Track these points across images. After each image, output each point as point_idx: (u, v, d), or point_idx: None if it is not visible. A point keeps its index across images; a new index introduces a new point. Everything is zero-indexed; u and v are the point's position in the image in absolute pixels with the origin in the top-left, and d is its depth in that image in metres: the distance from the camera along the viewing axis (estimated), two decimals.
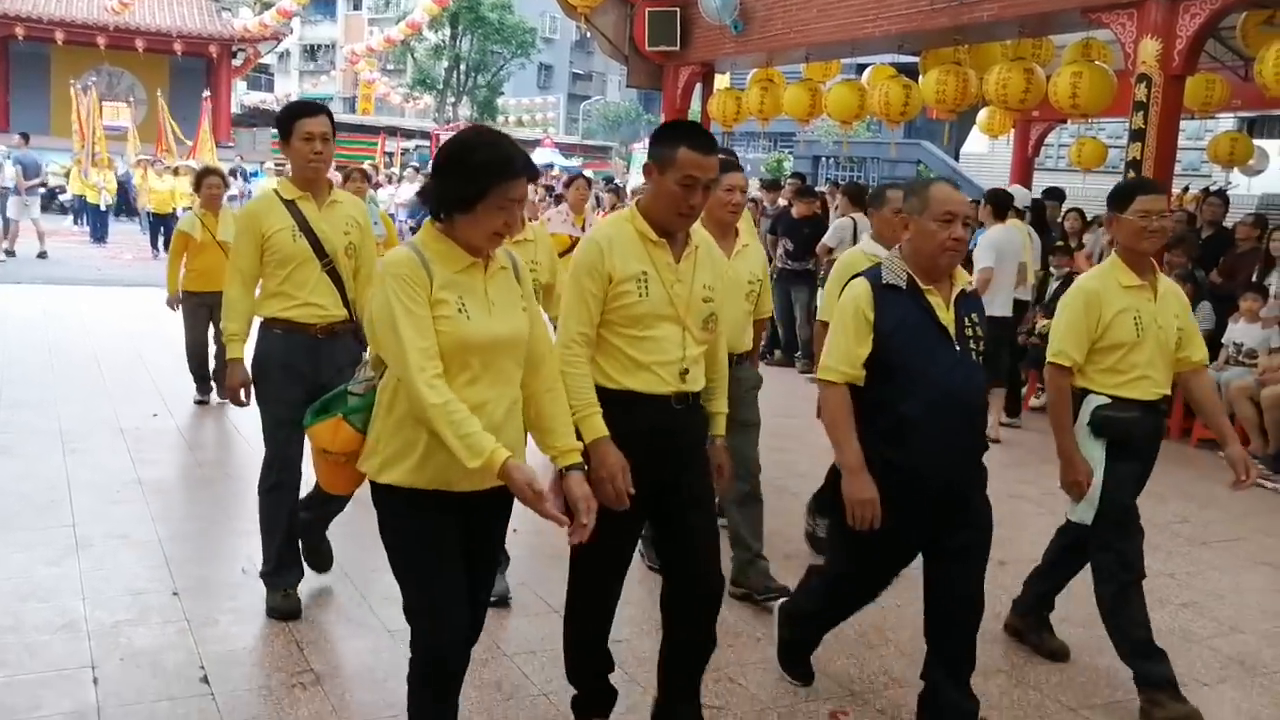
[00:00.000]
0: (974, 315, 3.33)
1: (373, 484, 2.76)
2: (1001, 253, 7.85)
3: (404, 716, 3.18)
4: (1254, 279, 8.51)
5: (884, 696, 3.81)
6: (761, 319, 4.64)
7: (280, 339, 4.07)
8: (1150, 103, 8.58)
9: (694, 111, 16.25)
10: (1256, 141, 14.71)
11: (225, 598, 4.32)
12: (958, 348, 3.24)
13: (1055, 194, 11.40)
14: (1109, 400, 3.79)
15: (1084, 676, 4.08)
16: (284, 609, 4.13)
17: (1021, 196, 10.01)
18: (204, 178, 8.13)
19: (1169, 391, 3.88)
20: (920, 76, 12.04)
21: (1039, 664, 4.16)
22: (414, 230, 18.65)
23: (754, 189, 13.21)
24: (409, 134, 33.12)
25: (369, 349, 2.85)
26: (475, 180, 2.58)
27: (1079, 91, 9.72)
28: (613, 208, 15.17)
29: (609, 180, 21.96)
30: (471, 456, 2.52)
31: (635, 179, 23.12)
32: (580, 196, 8.15)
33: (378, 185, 20.11)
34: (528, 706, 3.57)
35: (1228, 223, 9.85)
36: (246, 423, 6.54)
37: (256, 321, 4.17)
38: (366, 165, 21.62)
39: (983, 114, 14.40)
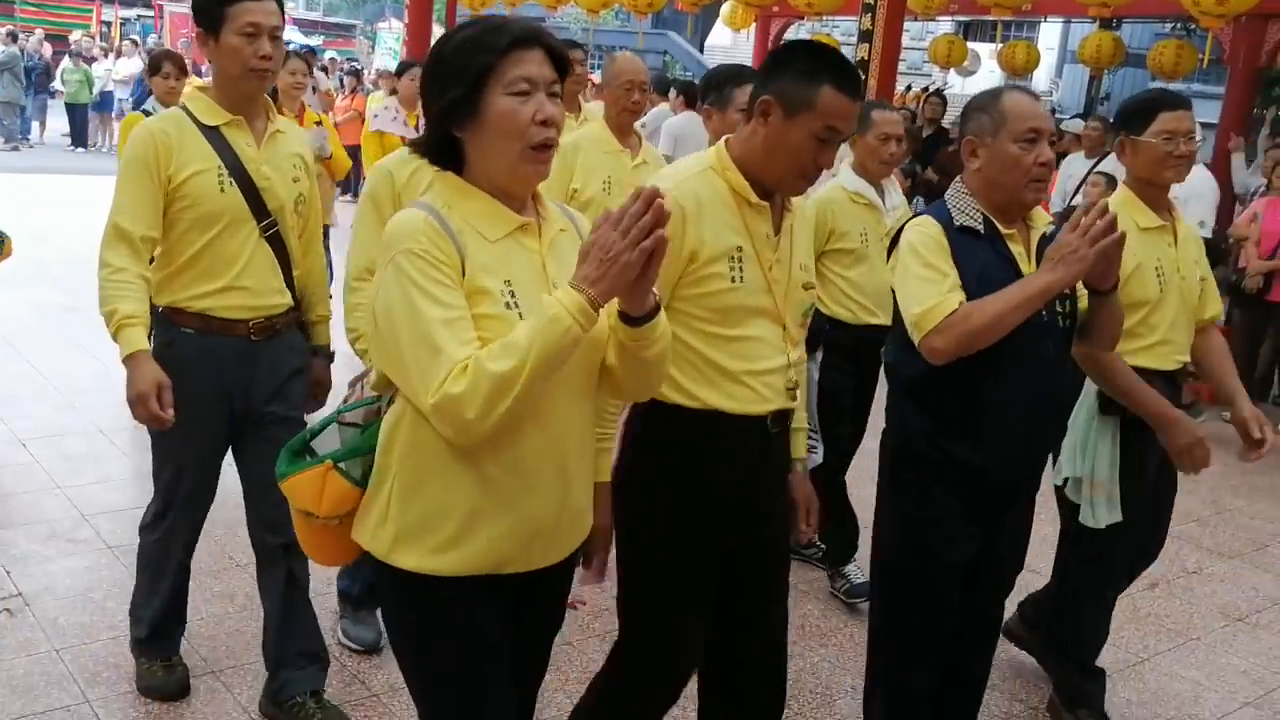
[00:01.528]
0: None
1: (378, 562, 1.87)
2: (682, 141, 7.57)
3: (125, 636, 3.03)
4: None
5: None
6: None
7: (194, 342, 2.72)
8: (877, 5, 8.97)
9: None
10: (971, 44, 15.77)
11: None
12: (1044, 312, 2.51)
13: None
14: None
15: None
16: (166, 685, 2.99)
17: None
18: None
19: (1189, 358, 3.19)
20: None
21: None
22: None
23: None
24: (128, 3, 30.00)
25: (371, 364, 1.97)
26: (465, 65, 1.77)
27: None
28: (353, 92, 14.38)
29: (351, 60, 20.80)
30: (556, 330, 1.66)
31: (380, 60, 21.99)
32: (415, 89, 6.82)
33: (93, 59, 18.24)
34: None
35: (946, 123, 10.53)
36: None
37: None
38: (79, 35, 19.68)
39: (726, 7, 14.62)
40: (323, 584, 3.41)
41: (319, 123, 5.74)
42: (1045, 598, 3.54)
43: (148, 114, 4.49)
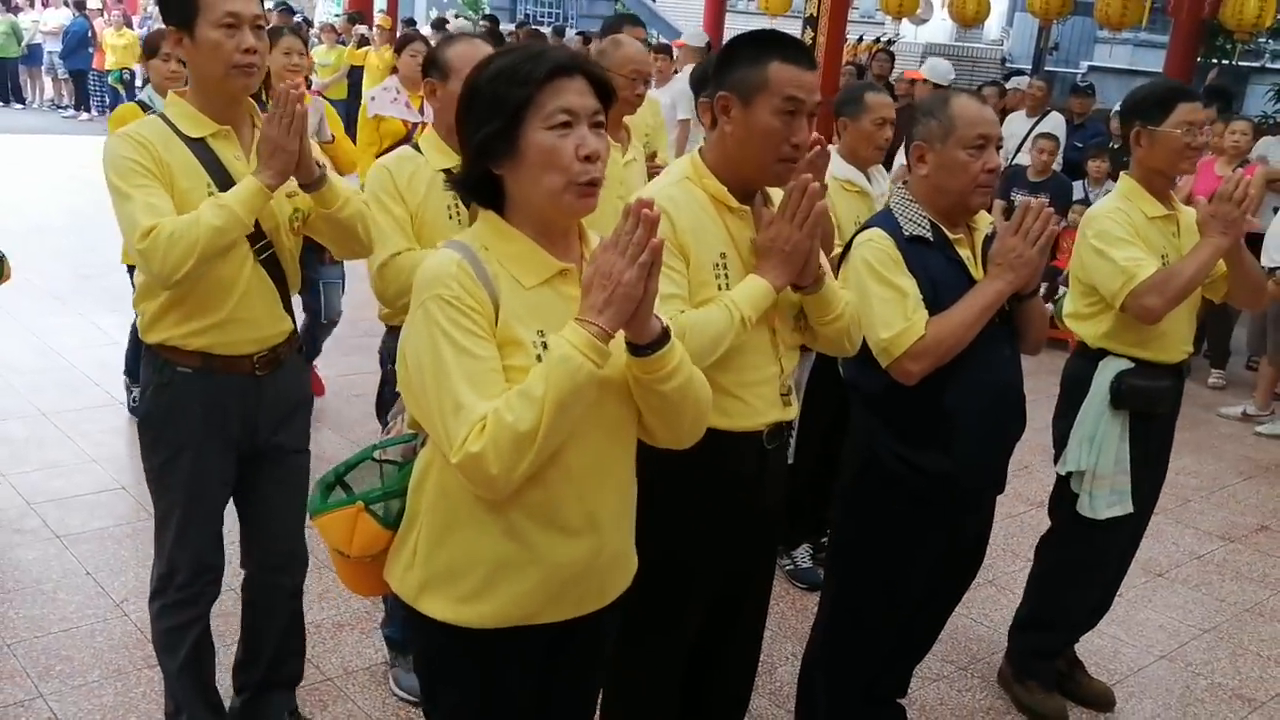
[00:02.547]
0: None
1: (407, 606, 1.85)
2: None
3: (78, 628, 3.07)
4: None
5: None
6: None
7: (194, 382, 2.48)
8: None
9: None
10: None
11: None
12: (995, 315, 2.57)
13: None
14: (1134, 365, 3.07)
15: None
16: None
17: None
18: None
19: (1192, 348, 3.23)
20: None
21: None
22: (65, 61, 16.27)
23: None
24: None
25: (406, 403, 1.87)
26: (502, 98, 1.69)
27: None
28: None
29: (287, 9, 20.22)
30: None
31: (322, 10, 21.48)
32: (416, 66, 5.26)
33: (16, 8, 17.66)
34: None
35: (893, 78, 10.56)
36: None
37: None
38: None
39: None
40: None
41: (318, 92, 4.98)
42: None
43: (145, 107, 3.92)
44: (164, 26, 2.54)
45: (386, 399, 3.01)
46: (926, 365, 2.50)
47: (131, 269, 4.02)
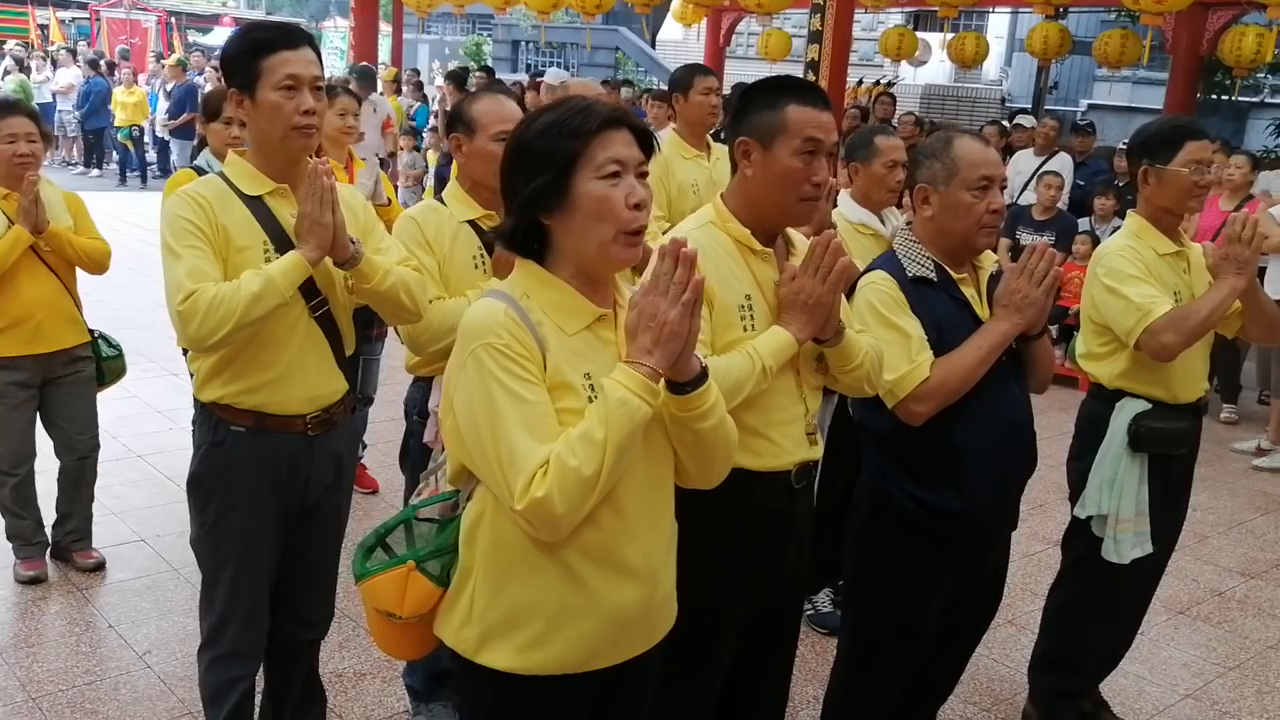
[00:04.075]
0: None
1: (462, 660, 1.84)
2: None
3: (102, 681, 3.07)
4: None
5: None
6: None
7: (246, 443, 2.48)
8: (826, 4, 9.12)
9: None
10: (920, 34, 15.91)
11: None
12: (1002, 354, 2.58)
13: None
14: (1151, 406, 3.03)
15: None
16: None
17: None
18: None
19: (1208, 386, 3.23)
20: None
21: None
22: (82, 125, 16.34)
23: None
24: (62, 4, 29.39)
25: (443, 453, 1.91)
26: (552, 151, 1.72)
27: None
28: None
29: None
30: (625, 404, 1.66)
31: (325, 61, 21.75)
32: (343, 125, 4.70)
33: (27, 68, 17.93)
34: None
35: (894, 120, 10.67)
36: None
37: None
38: (13, 45, 19.29)
39: (676, 2, 14.66)
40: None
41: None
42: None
43: (200, 171, 3.79)
44: (223, 87, 2.59)
45: (412, 450, 3.03)
46: (932, 407, 2.51)
47: None
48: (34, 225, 3.61)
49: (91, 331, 4.02)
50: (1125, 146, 4.09)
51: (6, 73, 16.86)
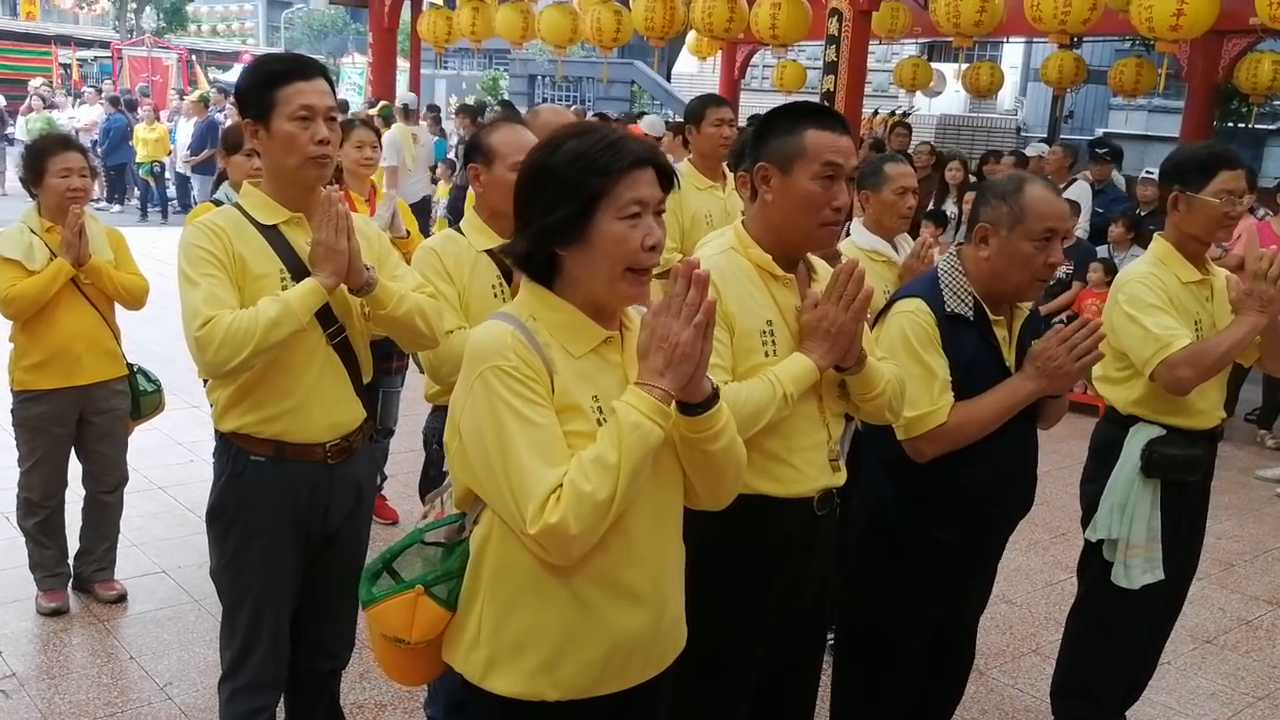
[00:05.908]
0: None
1: (470, 686, 1.82)
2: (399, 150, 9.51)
3: (123, 713, 3.08)
4: (932, 206, 9.30)
5: None
6: None
7: (266, 472, 2.48)
8: (841, 36, 9.18)
9: (403, 29, 15.66)
10: (935, 65, 15.98)
11: None
12: None
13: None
14: (1165, 432, 3.00)
15: None
16: None
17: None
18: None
19: (1225, 414, 3.19)
20: (631, 1, 12.18)
21: None
22: (104, 161, 16.48)
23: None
24: (84, 43, 29.87)
25: (450, 477, 1.90)
26: (577, 185, 1.71)
27: (778, 23, 10.20)
28: None
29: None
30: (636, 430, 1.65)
31: (344, 97, 22.02)
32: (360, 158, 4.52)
33: (52, 106, 18.21)
34: None
35: (910, 149, 10.69)
36: None
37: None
38: (39, 83, 19.62)
39: (691, 35, 14.74)
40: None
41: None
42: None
43: (220, 204, 3.65)
44: (240, 120, 2.60)
45: (432, 479, 3.04)
46: (941, 450, 2.53)
47: None
48: (76, 258, 3.69)
49: (130, 365, 4.07)
50: (1147, 174, 4.07)
51: (31, 110, 17.10)
